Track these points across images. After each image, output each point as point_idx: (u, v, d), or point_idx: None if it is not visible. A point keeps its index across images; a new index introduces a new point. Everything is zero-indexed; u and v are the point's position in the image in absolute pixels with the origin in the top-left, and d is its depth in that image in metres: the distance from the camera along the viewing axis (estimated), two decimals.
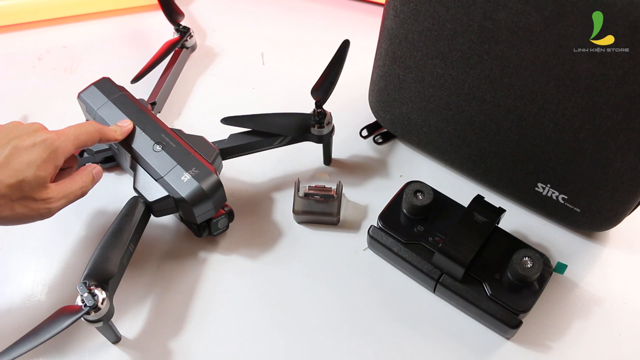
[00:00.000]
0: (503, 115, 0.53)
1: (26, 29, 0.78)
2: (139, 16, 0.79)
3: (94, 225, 0.59)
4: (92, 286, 0.46)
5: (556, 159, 0.52)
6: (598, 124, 0.48)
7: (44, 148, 0.47)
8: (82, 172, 0.51)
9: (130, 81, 0.65)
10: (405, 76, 0.57)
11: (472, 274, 0.51)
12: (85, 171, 0.52)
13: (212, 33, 0.78)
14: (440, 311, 0.53)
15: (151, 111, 0.58)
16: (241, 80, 0.72)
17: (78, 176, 0.51)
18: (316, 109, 0.57)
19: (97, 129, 0.52)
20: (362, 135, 0.66)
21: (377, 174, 0.63)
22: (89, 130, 0.51)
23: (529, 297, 0.50)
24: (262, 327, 0.53)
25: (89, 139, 0.51)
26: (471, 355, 0.51)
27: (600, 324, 0.53)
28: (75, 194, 0.50)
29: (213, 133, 0.57)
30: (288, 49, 0.76)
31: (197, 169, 0.52)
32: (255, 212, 0.60)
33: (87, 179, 0.51)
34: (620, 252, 0.57)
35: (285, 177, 0.63)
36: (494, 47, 0.49)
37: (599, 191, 0.52)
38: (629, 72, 0.44)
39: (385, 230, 0.54)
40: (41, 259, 0.57)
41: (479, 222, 0.52)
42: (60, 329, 0.45)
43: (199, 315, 0.53)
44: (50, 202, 0.48)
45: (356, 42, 0.58)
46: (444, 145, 0.60)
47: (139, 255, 0.55)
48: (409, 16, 0.52)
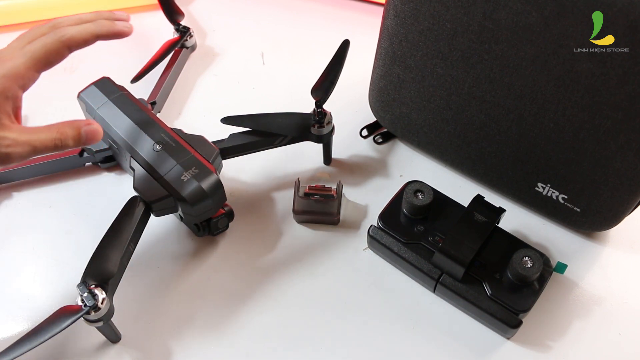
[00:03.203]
0: (503, 115, 0.53)
1: (26, 28, 0.78)
2: (139, 16, 0.79)
3: (93, 225, 0.59)
4: (92, 286, 0.46)
5: (556, 159, 0.52)
6: (598, 124, 0.48)
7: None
8: (64, 124, 0.44)
9: (130, 81, 0.65)
10: (405, 76, 0.57)
11: (472, 273, 0.51)
12: (69, 124, 0.44)
13: (212, 33, 0.78)
14: (440, 311, 0.53)
15: (151, 111, 0.58)
16: (241, 80, 0.72)
17: (56, 126, 0.43)
18: (316, 109, 0.57)
19: (55, 39, 0.44)
20: (362, 135, 0.66)
21: (377, 174, 0.63)
22: (46, 42, 0.43)
23: (529, 297, 0.50)
24: (262, 326, 0.53)
25: (49, 51, 0.44)
26: (471, 355, 0.51)
27: (600, 324, 0.53)
28: (45, 144, 0.42)
29: (213, 133, 0.57)
30: (288, 49, 0.76)
31: (197, 169, 0.52)
32: (255, 212, 0.60)
33: (69, 132, 0.43)
34: (620, 252, 0.57)
35: (285, 177, 0.63)
36: (494, 46, 0.49)
37: (599, 191, 0.52)
38: (629, 72, 0.44)
39: (385, 230, 0.54)
40: (41, 259, 0.57)
41: (479, 222, 0.52)
42: (60, 328, 0.44)
43: (198, 315, 0.53)
44: (8, 144, 0.41)
45: (356, 42, 0.58)
46: (444, 145, 0.60)
47: (139, 255, 0.55)
48: (409, 16, 0.52)
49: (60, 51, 0.45)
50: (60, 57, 0.45)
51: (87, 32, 0.46)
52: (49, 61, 0.45)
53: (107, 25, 0.48)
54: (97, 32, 0.47)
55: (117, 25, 0.48)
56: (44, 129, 0.43)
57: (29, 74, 0.44)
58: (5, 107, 0.42)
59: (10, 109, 0.43)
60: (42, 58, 0.44)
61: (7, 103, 0.42)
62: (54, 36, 0.45)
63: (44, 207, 0.61)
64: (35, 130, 0.43)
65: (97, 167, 0.63)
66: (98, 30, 0.47)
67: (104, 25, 0.48)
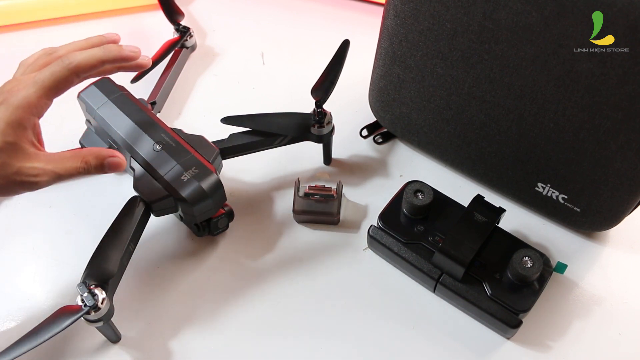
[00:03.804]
0: (503, 115, 0.53)
1: (26, 28, 0.78)
2: (139, 16, 0.79)
3: (93, 225, 0.59)
4: (92, 286, 0.46)
5: (556, 159, 0.52)
6: (598, 124, 0.48)
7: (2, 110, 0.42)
8: (89, 153, 0.46)
9: (130, 81, 0.65)
10: (405, 76, 0.57)
11: (472, 273, 0.51)
12: (94, 154, 0.46)
13: (212, 33, 0.78)
14: (440, 311, 0.53)
15: (151, 111, 0.58)
16: (241, 80, 0.72)
17: (81, 155, 0.45)
18: (316, 109, 0.57)
19: (63, 66, 0.45)
20: (362, 135, 0.66)
21: (377, 174, 0.63)
22: (54, 70, 0.44)
23: (529, 297, 0.50)
24: (262, 327, 0.53)
25: (58, 79, 0.45)
26: (471, 355, 0.51)
27: (600, 324, 0.53)
28: (70, 173, 0.45)
29: (213, 133, 0.57)
30: (288, 49, 0.76)
31: (197, 169, 0.52)
32: (255, 212, 0.60)
33: (93, 162, 0.46)
34: (620, 252, 0.57)
35: (285, 177, 0.63)
36: (494, 46, 0.49)
37: (599, 191, 0.52)
38: (629, 72, 0.44)
39: (385, 230, 0.54)
40: (41, 259, 0.57)
41: (479, 222, 0.52)
42: (60, 328, 0.44)
43: (198, 315, 0.53)
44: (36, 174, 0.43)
45: (356, 42, 0.57)
46: (444, 145, 0.60)
47: (139, 255, 0.55)
48: (409, 16, 0.52)
49: (69, 79, 0.46)
50: (69, 84, 0.46)
51: (94, 59, 0.47)
52: (59, 88, 0.46)
53: (114, 50, 0.48)
54: (104, 58, 0.47)
55: (124, 50, 0.49)
56: (69, 158, 0.45)
57: (42, 102, 0.45)
58: (27, 137, 0.44)
59: (32, 137, 0.45)
60: (52, 86, 0.45)
61: (27, 132, 0.44)
62: (62, 64, 0.45)
63: (44, 207, 0.61)
64: (61, 158, 0.45)
65: None
66: (105, 56, 0.47)
67: (112, 50, 0.48)
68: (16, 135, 0.43)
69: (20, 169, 0.43)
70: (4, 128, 0.42)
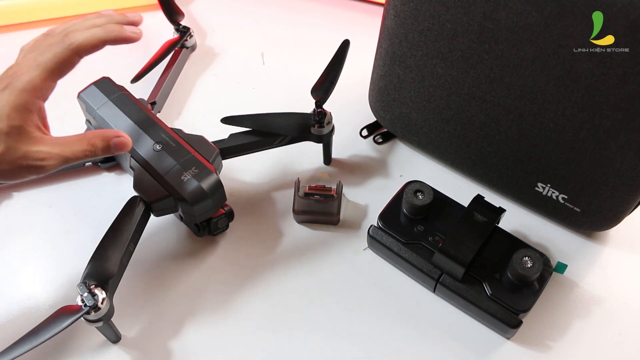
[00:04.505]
0: (503, 115, 0.53)
1: (26, 29, 0.78)
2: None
3: (93, 225, 0.59)
4: (92, 286, 0.46)
5: (556, 159, 0.52)
6: (598, 124, 0.48)
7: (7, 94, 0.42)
8: (95, 135, 0.46)
9: (130, 81, 0.65)
10: (405, 76, 0.57)
11: (472, 273, 0.51)
12: (100, 136, 0.46)
13: (212, 33, 0.78)
14: (440, 311, 0.53)
15: (151, 111, 0.58)
16: (241, 80, 0.72)
17: (87, 138, 0.45)
18: (316, 109, 0.57)
19: (64, 47, 0.45)
20: (362, 135, 0.66)
21: (377, 174, 0.63)
22: (56, 52, 0.44)
23: (529, 297, 0.50)
24: (262, 327, 0.53)
25: (60, 61, 0.44)
26: (471, 355, 0.51)
27: (600, 324, 0.53)
28: (76, 155, 0.44)
29: (213, 133, 0.57)
30: (288, 49, 0.76)
31: (197, 169, 0.52)
32: (255, 212, 0.60)
33: (99, 144, 0.45)
34: (620, 252, 0.57)
35: (285, 177, 0.63)
36: (494, 46, 0.49)
37: (599, 191, 0.52)
38: (629, 72, 0.44)
39: (385, 230, 0.54)
40: (41, 259, 0.57)
41: (479, 222, 0.52)
42: (60, 328, 0.45)
43: (199, 315, 0.53)
44: (42, 157, 0.43)
45: (356, 42, 0.58)
46: (444, 145, 0.60)
47: (139, 255, 0.55)
48: (409, 16, 0.52)
49: (71, 59, 0.46)
50: (71, 64, 0.46)
51: (95, 38, 0.47)
52: (62, 70, 0.45)
53: (115, 31, 0.48)
54: (105, 38, 0.47)
55: (126, 30, 0.49)
56: (75, 141, 0.45)
57: (46, 84, 0.45)
58: (33, 120, 0.43)
59: (38, 121, 0.44)
60: (55, 68, 0.45)
61: (33, 116, 0.43)
62: (63, 45, 0.45)
63: (44, 207, 0.61)
64: (67, 141, 0.44)
65: (97, 167, 0.63)
66: (106, 36, 0.47)
67: (113, 30, 0.48)
68: (22, 119, 0.43)
69: (26, 153, 0.43)
70: (10, 112, 0.42)
